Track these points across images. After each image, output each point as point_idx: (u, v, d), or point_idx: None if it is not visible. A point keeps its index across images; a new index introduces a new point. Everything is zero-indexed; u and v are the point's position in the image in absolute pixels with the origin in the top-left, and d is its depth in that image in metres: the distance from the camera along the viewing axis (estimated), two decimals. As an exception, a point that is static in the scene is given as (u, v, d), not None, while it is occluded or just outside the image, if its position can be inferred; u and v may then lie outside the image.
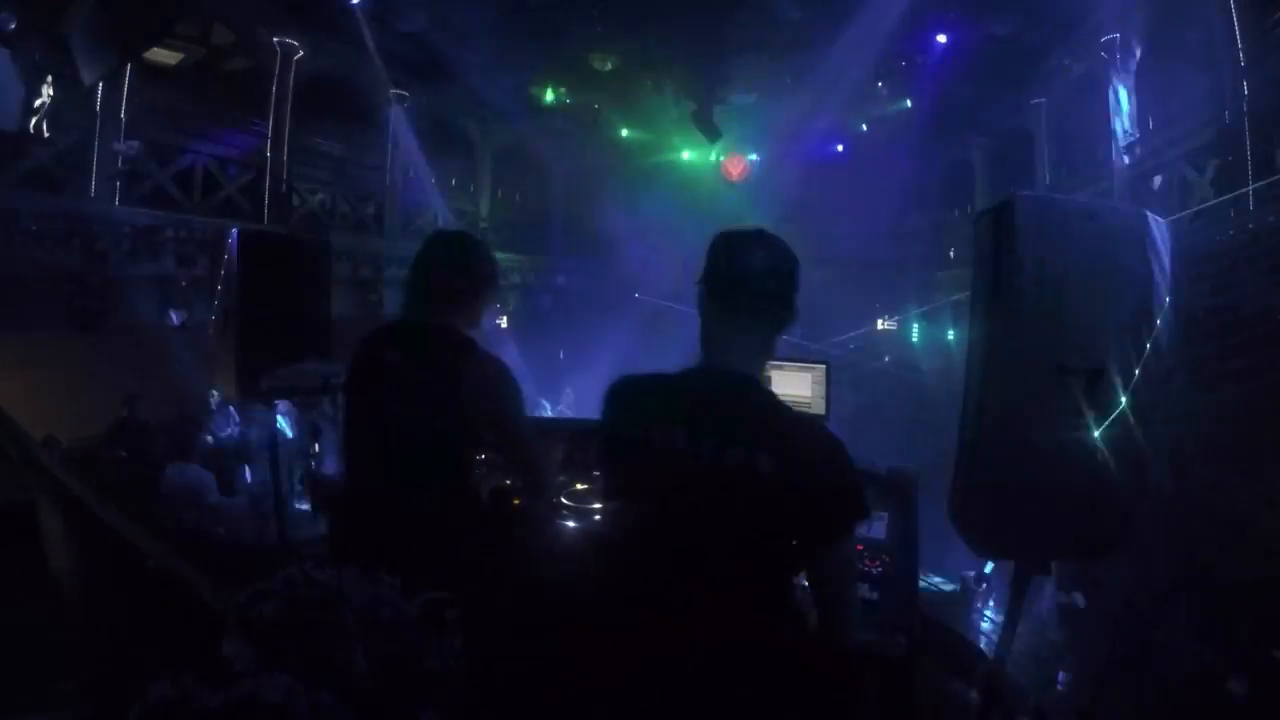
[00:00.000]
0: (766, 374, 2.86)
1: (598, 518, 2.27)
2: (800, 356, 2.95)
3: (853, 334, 12.30)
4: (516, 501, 2.46)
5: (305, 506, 4.54)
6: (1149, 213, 1.51)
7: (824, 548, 1.24)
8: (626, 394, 1.38)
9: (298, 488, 4.80)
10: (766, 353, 1.35)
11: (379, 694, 0.61)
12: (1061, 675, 4.29)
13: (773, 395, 1.34)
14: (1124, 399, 1.44)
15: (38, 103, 6.91)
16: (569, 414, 8.64)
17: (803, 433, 1.26)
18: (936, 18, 9.55)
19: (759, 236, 1.35)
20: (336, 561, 0.73)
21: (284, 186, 9.22)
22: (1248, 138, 6.31)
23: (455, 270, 1.87)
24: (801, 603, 1.34)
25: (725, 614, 1.20)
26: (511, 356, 11.78)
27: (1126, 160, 8.39)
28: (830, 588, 1.27)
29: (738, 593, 1.22)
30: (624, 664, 1.26)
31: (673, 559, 1.24)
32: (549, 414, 8.77)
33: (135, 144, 7.41)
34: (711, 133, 12.19)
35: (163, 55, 8.28)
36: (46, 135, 7.00)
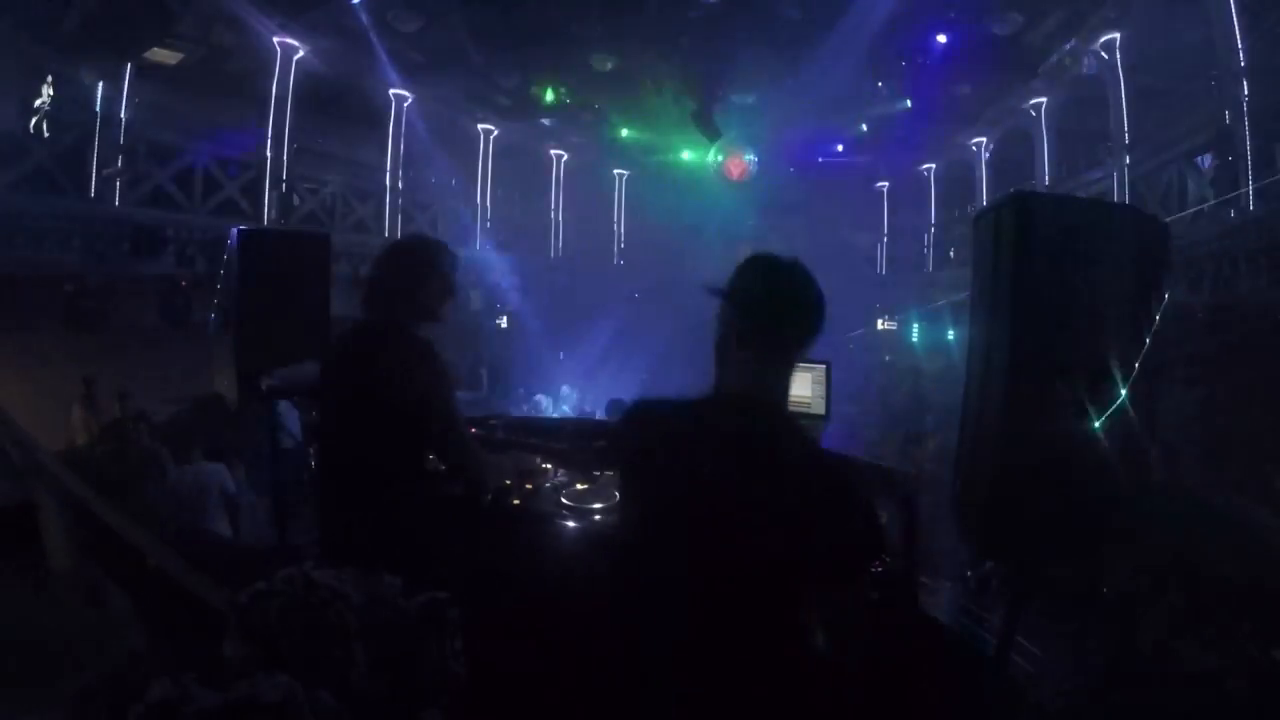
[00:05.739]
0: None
1: (598, 518, 2.27)
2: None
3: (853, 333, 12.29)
4: (516, 502, 2.46)
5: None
6: (1148, 212, 1.51)
7: (837, 586, 1.23)
8: (647, 419, 1.36)
9: None
10: (788, 378, 1.35)
11: (379, 694, 0.61)
12: (1061, 674, 4.28)
13: (797, 426, 1.32)
14: (1123, 397, 1.44)
15: (38, 103, 6.91)
16: (570, 413, 8.63)
17: (824, 468, 1.25)
18: (936, 17, 9.55)
19: (799, 269, 1.34)
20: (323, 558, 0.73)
21: (284, 186, 9.21)
22: (1248, 137, 6.31)
23: (397, 271, 2.01)
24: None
25: (736, 642, 1.20)
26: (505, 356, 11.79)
27: (1127, 160, 8.39)
28: (840, 625, 1.26)
29: (749, 623, 1.21)
30: (635, 686, 1.26)
31: (689, 586, 1.24)
32: (550, 413, 8.75)
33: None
34: (711, 133, 12.19)
35: (163, 55, 8.26)
36: (46, 135, 6.99)
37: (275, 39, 8.86)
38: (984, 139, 12.08)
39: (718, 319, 1.35)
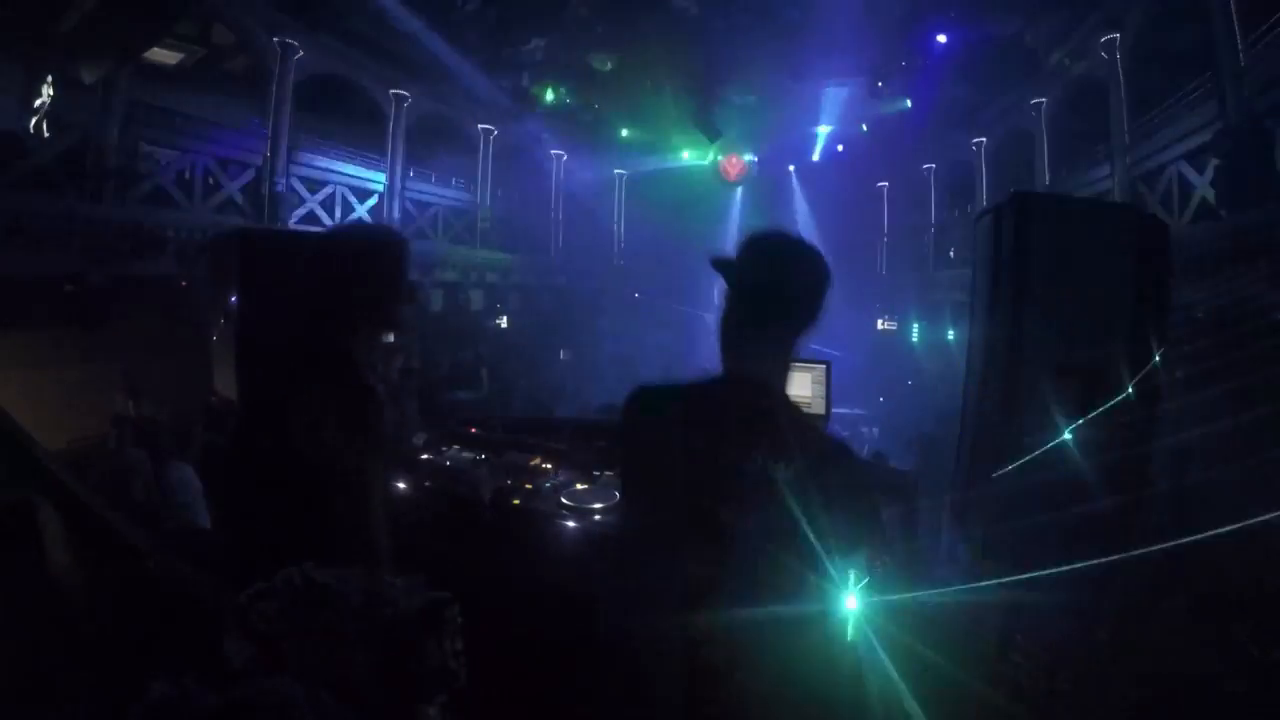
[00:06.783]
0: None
1: (598, 518, 2.27)
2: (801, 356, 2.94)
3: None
4: (516, 502, 2.46)
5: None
6: (1148, 212, 1.51)
7: (845, 557, 1.23)
8: (649, 404, 1.34)
9: None
10: (790, 358, 1.33)
11: (379, 694, 0.61)
12: (1060, 675, 4.28)
13: (794, 404, 1.33)
14: (1123, 398, 1.44)
15: (38, 103, 6.91)
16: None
17: (823, 444, 1.25)
18: (937, 17, 9.56)
19: (795, 244, 1.32)
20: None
21: (284, 186, 9.22)
22: (1248, 138, 6.31)
23: (351, 276, 1.55)
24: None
25: (751, 620, 1.21)
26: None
27: (1127, 160, 8.39)
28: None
29: (764, 600, 1.22)
30: (647, 671, 1.26)
31: (697, 565, 1.24)
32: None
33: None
34: (711, 133, 12.20)
35: (163, 55, 8.27)
36: (46, 135, 6.99)
37: (275, 39, 8.86)
38: (984, 139, 12.09)
39: (722, 299, 1.33)
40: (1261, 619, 3.74)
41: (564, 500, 2.43)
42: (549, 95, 12.11)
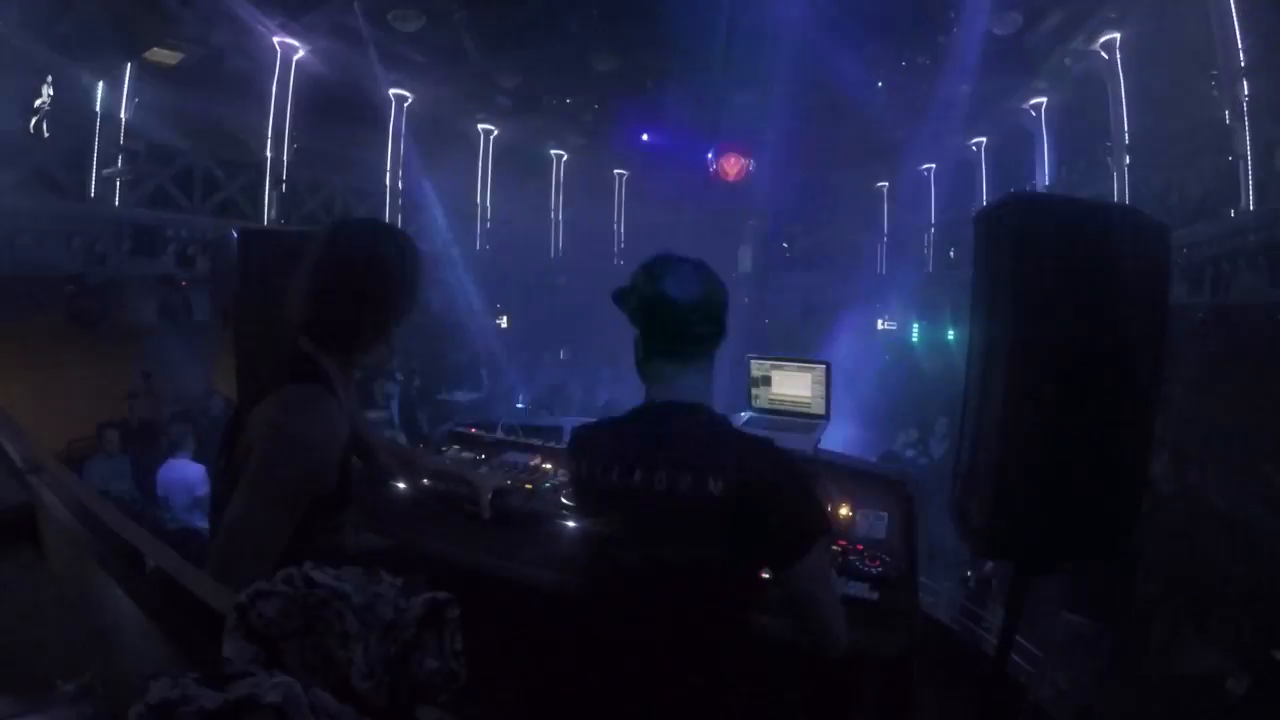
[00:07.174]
0: (765, 374, 2.87)
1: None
2: (801, 357, 2.94)
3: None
4: (516, 502, 2.45)
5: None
6: (1149, 213, 1.51)
7: (789, 564, 1.25)
8: (586, 441, 1.41)
9: None
10: (708, 373, 1.37)
11: (379, 694, 0.61)
12: (1060, 675, 4.29)
13: (723, 420, 1.36)
14: (1124, 399, 1.44)
15: (38, 103, 6.91)
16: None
17: (754, 455, 1.27)
18: (936, 18, 9.55)
19: (681, 265, 1.36)
20: None
21: (284, 186, 9.21)
22: (1248, 137, 6.31)
23: (353, 280, 1.38)
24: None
25: (700, 635, 1.25)
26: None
27: (1127, 160, 8.39)
28: (804, 602, 1.30)
29: (709, 614, 1.26)
30: (608, 689, 1.30)
31: (645, 592, 1.28)
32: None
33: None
34: (708, 132, 12.20)
35: (163, 55, 8.26)
36: (46, 135, 7.00)
37: (275, 39, 8.86)
38: (984, 139, 12.07)
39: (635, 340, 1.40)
40: (1261, 619, 3.74)
41: (564, 500, 2.43)
42: (547, 94, 12.10)
